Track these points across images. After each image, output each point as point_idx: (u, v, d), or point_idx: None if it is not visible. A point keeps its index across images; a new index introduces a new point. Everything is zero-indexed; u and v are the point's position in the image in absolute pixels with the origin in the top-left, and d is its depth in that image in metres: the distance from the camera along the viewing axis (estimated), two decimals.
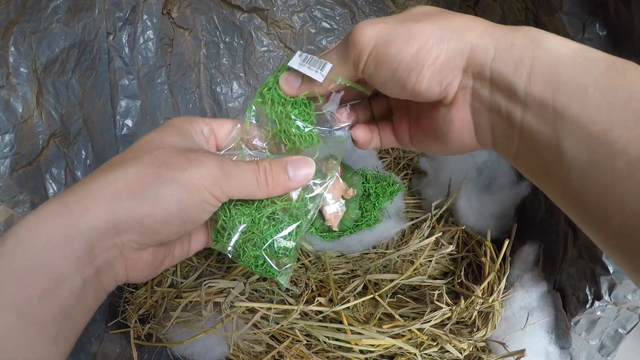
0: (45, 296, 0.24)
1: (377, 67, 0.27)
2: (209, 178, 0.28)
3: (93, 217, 0.25)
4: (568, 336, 0.46)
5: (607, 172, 0.21)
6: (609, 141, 0.21)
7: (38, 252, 0.24)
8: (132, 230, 0.27)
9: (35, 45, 0.46)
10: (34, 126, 0.45)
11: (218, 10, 0.72)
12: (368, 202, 0.63)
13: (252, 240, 0.33)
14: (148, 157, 0.28)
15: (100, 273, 0.27)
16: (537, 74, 0.23)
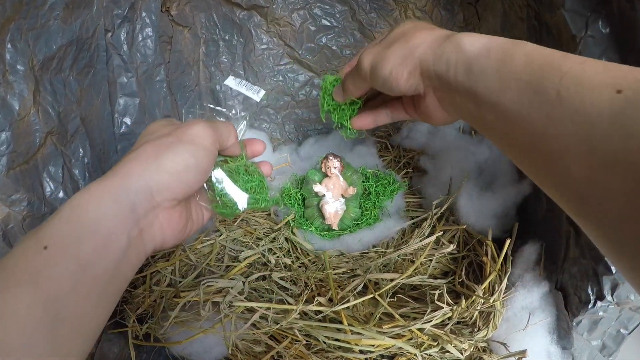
0: (100, 251, 0.30)
1: (375, 80, 0.41)
2: (203, 131, 0.37)
3: (134, 181, 0.33)
4: (570, 336, 0.46)
5: (504, 123, 0.31)
6: (502, 102, 0.31)
7: (91, 215, 0.30)
8: (163, 188, 0.34)
9: (32, 42, 0.45)
10: (30, 124, 0.45)
11: (217, 8, 0.72)
12: (368, 200, 0.63)
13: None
14: (154, 135, 0.37)
15: (143, 233, 0.34)
16: (459, 69, 0.34)
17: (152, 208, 0.34)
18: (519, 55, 0.30)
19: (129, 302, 0.52)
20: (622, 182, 0.23)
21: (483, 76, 0.32)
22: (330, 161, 0.60)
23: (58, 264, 0.28)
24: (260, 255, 0.56)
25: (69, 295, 0.28)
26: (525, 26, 0.57)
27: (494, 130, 0.33)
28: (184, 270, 0.56)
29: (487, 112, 0.32)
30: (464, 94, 0.34)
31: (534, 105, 0.28)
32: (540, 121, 0.28)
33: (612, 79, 0.25)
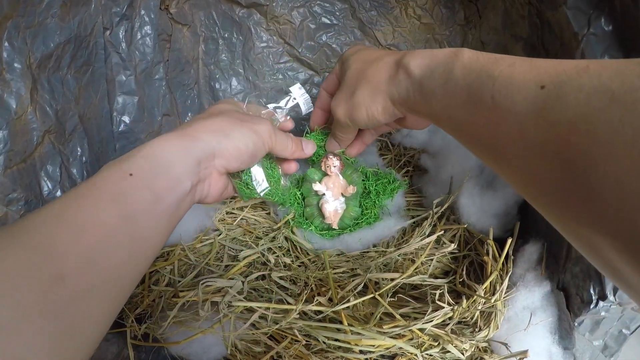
0: (170, 188, 0.35)
1: (357, 126, 0.48)
2: (268, 131, 0.45)
3: (202, 142, 0.39)
4: (571, 336, 0.46)
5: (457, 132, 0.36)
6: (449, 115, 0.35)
7: (166, 158, 0.36)
8: (222, 156, 0.41)
9: (29, 40, 0.45)
10: (28, 122, 0.44)
11: (217, 6, 0.71)
12: (368, 199, 0.62)
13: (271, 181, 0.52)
14: (227, 113, 0.44)
15: (197, 186, 0.40)
16: (416, 94, 0.39)
17: (209, 167, 0.41)
18: (457, 69, 0.33)
19: (127, 302, 0.52)
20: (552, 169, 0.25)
21: (433, 95, 0.36)
22: (330, 160, 0.59)
23: (138, 190, 0.33)
24: (260, 254, 0.56)
25: (144, 217, 0.33)
26: (527, 24, 0.57)
27: (454, 136, 0.38)
28: (183, 269, 0.55)
29: (444, 124, 0.37)
30: (425, 113, 0.39)
31: (475, 113, 0.31)
32: (482, 126, 0.31)
33: (537, 76, 0.27)
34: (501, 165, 0.31)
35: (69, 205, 0.30)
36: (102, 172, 0.34)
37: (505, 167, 0.31)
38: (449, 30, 0.73)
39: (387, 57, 0.43)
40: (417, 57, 0.39)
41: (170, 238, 0.57)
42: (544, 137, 0.25)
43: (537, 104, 0.26)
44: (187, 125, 0.41)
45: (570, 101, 0.24)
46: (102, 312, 0.30)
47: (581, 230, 0.25)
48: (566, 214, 0.26)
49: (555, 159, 0.25)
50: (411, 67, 0.38)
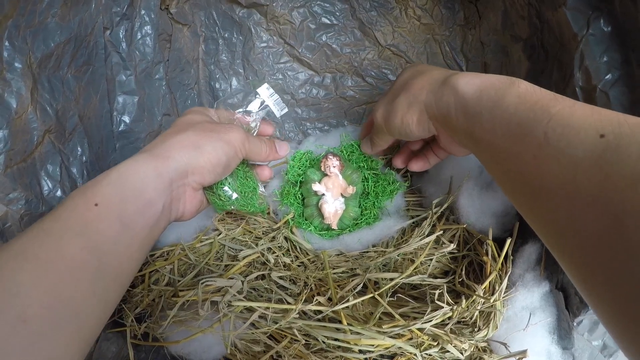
0: (140, 214, 0.35)
1: (390, 131, 0.48)
2: (240, 139, 0.44)
3: (174, 162, 0.38)
4: (570, 336, 0.46)
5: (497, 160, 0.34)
6: (494, 142, 0.33)
7: (136, 183, 0.35)
8: (195, 172, 0.40)
9: (30, 39, 0.45)
10: (28, 122, 0.44)
11: (217, 6, 0.71)
12: (368, 200, 0.63)
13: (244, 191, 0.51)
14: (198, 126, 0.43)
15: (171, 205, 0.39)
16: (458, 112, 0.37)
17: (183, 185, 0.40)
18: (510, 97, 0.32)
19: (127, 302, 0.52)
20: (597, 220, 0.24)
21: (478, 117, 0.35)
22: (330, 160, 0.59)
23: (105, 219, 0.32)
24: (260, 254, 0.56)
25: (112, 247, 0.32)
26: (527, 24, 0.57)
27: (490, 166, 0.37)
28: (183, 269, 0.55)
29: (483, 150, 0.36)
30: (463, 134, 0.38)
31: (523, 145, 0.30)
32: (528, 160, 0.30)
33: (597, 122, 0.26)
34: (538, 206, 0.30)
35: (32, 242, 0.30)
36: (66, 202, 0.33)
37: (542, 210, 0.29)
38: (448, 30, 0.73)
39: (436, 72, 0.43)
40: (467, 75, 0.37)
41: (170, 238, 0.58)
42: (597, 187, 0.24)
43: (595, 152, 0.25)
44: (157, 143, 0.40)
45: (630, 156, 0.23)
46: (68, 352, 0.29)
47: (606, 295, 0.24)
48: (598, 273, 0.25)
49: (604, 212, 0.24)
50: (460, 84, 0.37)
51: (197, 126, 0.42)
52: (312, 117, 0.81)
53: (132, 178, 0.35)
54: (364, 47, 0.77)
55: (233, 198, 0.49)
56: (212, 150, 0.41)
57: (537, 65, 0.57)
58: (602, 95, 0.44)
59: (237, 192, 0.49)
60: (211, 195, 0.48)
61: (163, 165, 0.37)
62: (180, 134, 0.40)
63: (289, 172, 0.63)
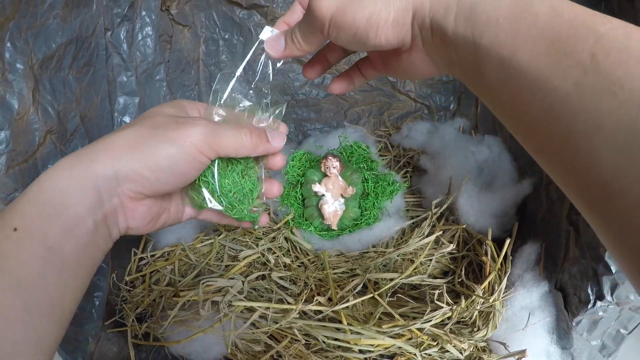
0: (67, 234, 0.29)
1: (339, 32, 0.31)
2: (196, 136, 0.33)
3: (100, 167, 0.31)
4: (569, 336, 0.46)
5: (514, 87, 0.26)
6: (516, 61, 0.25)
7: (58, 197, 0.29)
8: (129, 180, 0.32)
9: (31, 41, 0.45)
10: (29, 122, 0.45)
11: (217, 7, 0.72)
12: (367, 200, 0.63)
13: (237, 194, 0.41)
14: (147, 121, 0.34)
15: (108, 218, 0.32)
16: (460, 15, 0.28)
17: (116, 195, 0.32)
18: (541, 6, 0.25)
19: (128, 302, 0.52)
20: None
21: (491, 26, 0.26)
22: (330, 161, 0.59)
23: (26, 246, 0.28)
24: (260, 254, 0.56)
25: (39, 279, 0.28)
26: None
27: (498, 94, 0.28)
28: (184, 269, 0.55)
29: (492, 70, 0.27)
30: (462, 47, 0.28)
31: (559, 68, 0.23)
32: (566, 89, 0.23)
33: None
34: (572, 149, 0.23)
35: None
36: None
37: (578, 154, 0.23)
38: None
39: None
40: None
41: (171, 238, 0.58)
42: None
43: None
44: (91, 144, 0.33)
45: None
46: None
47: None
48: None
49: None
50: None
51: (148, 121, 0.34)
52: (312, 117, 0.81)
53: (52, 191, 0.29)
54: None
55: (214, 194, 0.40)
56: (151, 152, 0.32)
57: None
58: None
59: (223, 190, 0.40)
60: (191, 188, 0.40)
61: (86, 171, 0.30)
62: (120, 132, 0.33)
63: (288, 173, 0.63)
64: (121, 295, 0.53)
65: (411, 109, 0.83)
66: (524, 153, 0.61)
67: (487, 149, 0.64)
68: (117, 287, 0.53)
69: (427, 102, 0.82)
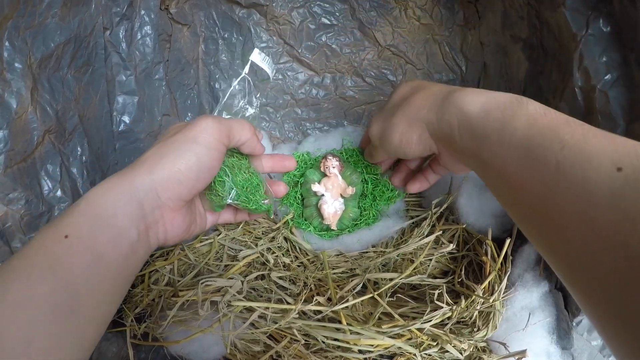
0: (112, 243, 0.32)
1: (387, 150, 0.46)
2: (209, 128, 0.38)
3: (139, 181, 0.34)
4: (570, 336, 0.46)
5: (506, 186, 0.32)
6: (504, 169, 0.31)
7: (106, 209, 0.33)
8: (165, 187, 0.36)
9: (30, 40, 0.45)
10: (28, 122, 0.44)
11: (217, 6, 0.71)
12: (367, 201, 0.63)
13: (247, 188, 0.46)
14: (164, 136, 0.39)
15: (149, 230, 0.36)
16: (463, 132, 0.35)
17: (157, 207, 0.36)
18: (519, 120, 0.30)
19: (127, 301, 0.52)
20: (613, 260, 0.23)
21: (485, 139, 0.32)
22: (329, 161, 0.59)
23: (76, 253, 0.30)
24: (259, 254, 0.56)
25: (85, 283, 0.30)
26: (526, 25, 0.57)
27: (498, 192, 0.34)
28: (183, 269, 0.55)
29: (491, 174, 0.33)
30: (468, 155, 0.35)
31: (533, 173, 0.28)
32: (539, 189, 0.28)
33: (614, 154, 0.24)
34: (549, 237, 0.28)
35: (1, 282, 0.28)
36: (36, 237, 0.31)
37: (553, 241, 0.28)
38: (448, 30, 0.73)
39: (436, 87, 0.41)
40: (471, 93, 0.36)
41: None
42: (614, 225, 0.23)
43: (612, 187, 0.23)
44: (129, 166, 0.36)
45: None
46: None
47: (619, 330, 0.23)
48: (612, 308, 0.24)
49: (621, 250, 0.22)
50: (464, 102, 0.35)
51: (167, 135, 0.39)
52: (311, 117, 0.81)
53: (101, 205, 0.33)
54: (364, 48, 0.77)
55: (232, 190, 0.44)
56: (176, 155, 0.36)
57: (536, 65, 0.57)
58: (601, 96, 0.44)
59: (236, 185, 0.45)
60: (207, 192, 0.44)
61: (130, 186, 0.34)
62: (149, 151, 0.37)
63: (288, 173, 0.63)
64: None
65: None
66: None
67: None
68: None
69: None
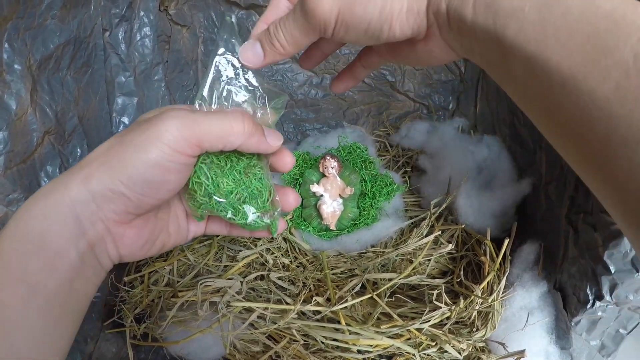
0: (49, 269, 0.26)
1: (348, 30, 0.28)
2: (168, 134, 0.27)
3: (74, 191, 0.27)
4: (568, 336, 0.46)
5: (543, 84, 0.23)
6: (545, 57, 0.22)
7: (36, 229, 0.26)
8: (107, 199, 0.28)
9: (29, 41, 0.45)
10: (27, 123, 0.45)
11: (216, 7, 0.72)
12: (366, 201, 0.63)
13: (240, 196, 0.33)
14: (122, 131, 0.30)
15: (94, 247, 0.29)
16: (480, 3, 0.25)
17: (99, 220, 0.28)
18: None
19: (126, 302, 0.52)
20: None
21: (515, 17, 0.23)
22: (328, 161, 0.59)
23: (6, 287, 0.25)
24: (258, 255, 0.56)
25: (22, 321, 0.25)
26: None
27: (525, 89, 0.25)
28: (182, 269, 0.55)
29: (517, 64, 0.24)
30: (484, 39, 0.25)
31: (597, 68, 0.21)
32: (605, 92, 0.20)
33: None
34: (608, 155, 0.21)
35: None
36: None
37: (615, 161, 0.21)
38: None
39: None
40: None
41: None
42: None
43: None
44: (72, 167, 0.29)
45: None
46: None
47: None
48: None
49: None
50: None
51: (123, 131, 0.30)
52: (310, 117, 0.81)
53: (30, 224, 0.26)
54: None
55: (210, 197, 0.33)
56: (121, 164, 0.27)
57: None
58: None
59: (219, 191, 0.33)
60: (186, 195, 0.34)
61: (64, 198, 0.27)
62: (99, 147, 0.29)
63: (287, 173, 0.63)
64: (120, 295, 0.53)
65: (410, 109, 0.83)
66: (524, 153, 0.61)
67: (486, 148, 0.64)
68: (116, 287, 0.53)
69: (426, 101, 0.82)
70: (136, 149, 0.27)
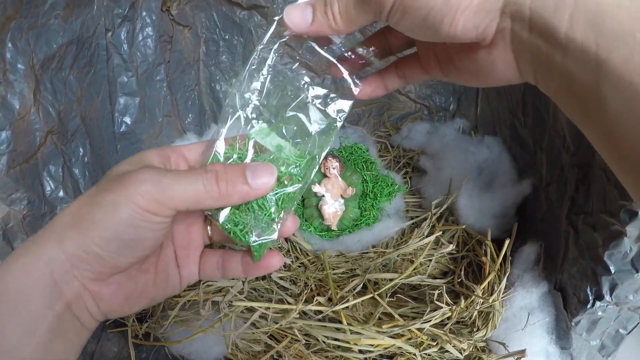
0: (26, 331, 0.25)
1: (405, 14, 0.25)
2: (138, 196, 0.26)
3: (49, 251, 0.26)
4: (569, 336, 0.46)
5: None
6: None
7: (12, 292, 0.25)
8: (82, 259, 0.26)
9: (32, 41, 0.45)
10: (30, 123, 0.45)
11: (218, 8, 0.72)
12: (367, 201, 0.63)
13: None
14: (93, 188, 0.28)
15: (72, 307, 0.27)
16: (580, 16, 0.21)
17: (75, 278, 0.27)
18: None
19: None
20: None
21: (624, 44, 0.20)
22: (329, 162, 0.60)
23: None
24: None
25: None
26: None
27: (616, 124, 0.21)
28: None
29: (614, 95, 0.20)
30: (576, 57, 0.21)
31: None
32: None
33: None
34: None
35: None
36: None
37: None
38: None
39: None
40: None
41: None
42: None
43: None
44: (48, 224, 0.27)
45: None
46: None
47: None
48: None
49: None
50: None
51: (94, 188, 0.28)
52: None
53: (8, 284, 0.25)
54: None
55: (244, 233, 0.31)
56: (92, 224, 0.26)
57: None
58: None
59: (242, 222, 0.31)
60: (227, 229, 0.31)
61: (40, 258, 0.26)
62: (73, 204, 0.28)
63: None
64: None
65: (411, 110, 0.83)
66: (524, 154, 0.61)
67: (486, 149, 0.64)
68: None
69: (427, 102, 0.82)
70: (107, 209, 0.26)
